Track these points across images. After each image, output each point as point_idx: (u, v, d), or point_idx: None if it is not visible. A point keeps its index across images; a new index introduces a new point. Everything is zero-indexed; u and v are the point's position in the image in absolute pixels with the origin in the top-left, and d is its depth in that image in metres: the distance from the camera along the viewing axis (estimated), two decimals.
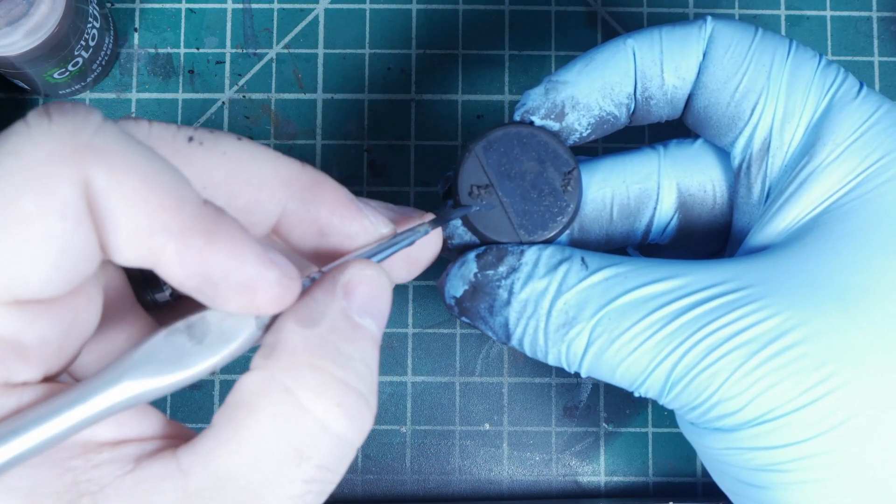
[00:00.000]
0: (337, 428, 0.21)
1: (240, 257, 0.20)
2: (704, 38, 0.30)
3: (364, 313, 0.22)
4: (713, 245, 0.33)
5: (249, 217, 0.23)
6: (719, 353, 0.26)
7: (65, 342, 0.21)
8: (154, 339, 0.21)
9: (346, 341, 0.21)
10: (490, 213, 0.30)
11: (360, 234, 0.24)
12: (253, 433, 0.20)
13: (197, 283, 0.20)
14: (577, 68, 0.30)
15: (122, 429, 0.21)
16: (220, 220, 0.20)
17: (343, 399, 0.21)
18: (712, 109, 0.30)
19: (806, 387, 0.26)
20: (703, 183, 0.32)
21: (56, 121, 0.19)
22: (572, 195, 0.30)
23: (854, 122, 0.29)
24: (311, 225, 0.23)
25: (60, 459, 0.20)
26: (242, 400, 0.20)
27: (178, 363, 0.20)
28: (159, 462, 0.20)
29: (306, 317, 0.21)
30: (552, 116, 0.30)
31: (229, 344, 0.21)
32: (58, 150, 0.19)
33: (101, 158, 0.19)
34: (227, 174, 0.22)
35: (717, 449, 0.28)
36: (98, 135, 0.19)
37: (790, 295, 0.27)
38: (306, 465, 0.20)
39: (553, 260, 0.29)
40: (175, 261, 0.20)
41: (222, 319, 0.21)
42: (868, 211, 0.28)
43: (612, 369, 0.28)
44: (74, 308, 0.20)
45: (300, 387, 0.20)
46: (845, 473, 0.26)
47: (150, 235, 0.19)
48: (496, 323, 0.29)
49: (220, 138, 0.22)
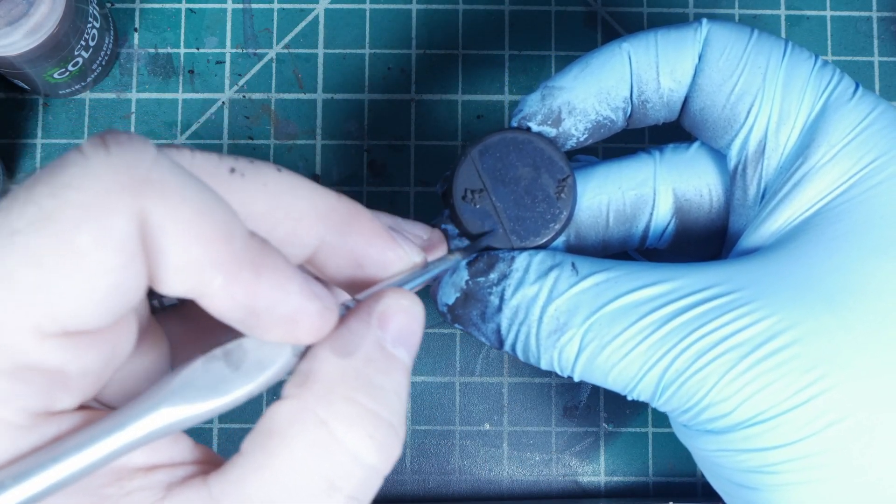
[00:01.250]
0: (368, 459, 0.21)
1: (285, 290, 0.20)
2: (700, 41, 0.30)
3: (398, 343, 0.22)
4: (710, 249, 0.33)
5: (287, 248, 0.23)
6: (710, 357, 0.27)
7: (104, 371, 0.21)
8: (191, 365, 0.21)
9: (380, 373, 0.21)
10: (482, 216, 0.30)
11: (394, 263, 0.24)
12: (286, 462, 0.20)
13: (241, 315, 0.20)
14: (574, 73, 0.30)
15: (154, 454, 0.21)
16: (266, 253, 0.20)
17: (375, 431, 0.21)
18: (708, 112, 0.30)
19: (796, 389, 0.26)
20: (700, 188, 0.32)
21: (113, 152, 0.19)
22: (566, 202, 0.30)
23: (849, 123, 0.29)
24: (346, 255, 0.24)
25: (95, 487, 0.20)
26: (275, 428, 0.20)
27: (215, 390, 0.20)
28: (191, 489, 0.20)
29: (342, 347, 0.21)
30: (549, 122, 0.30)
31: (266, 371, 0.21)
32: (116, 183, 0.18)
33: (157, 192, 0.19)
34: (268, 206, 0.22)
35: (710, 451, 0.28)
36: (154, 168, 0.19)
37: (781, 297, 0.27)
38: (338, 496, 0.20)
39: (543, 266, 0.29)
40: (222, 293, 0.20)
41: (259, 346, 0.21)
42: (860, 213, 0.28)
43: (605, 374, 0.28)
44: (116, 337, 0.20)
45: (334, 417, 0.20)
46: (836, 475, 0.26)
47: (200, 269, 0.19)
48: (488, 329, 0.29)
49: (260, 169, 0.22)
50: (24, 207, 0.18)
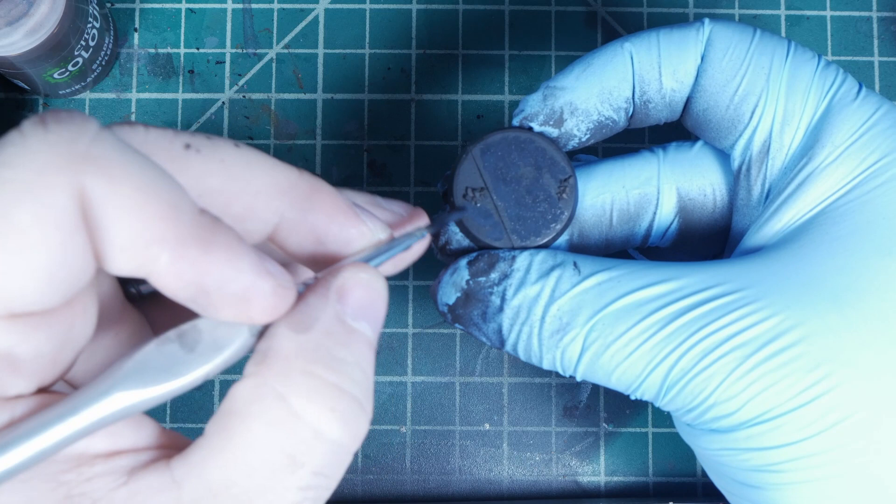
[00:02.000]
0: (331, 433, 0.20)
1: (235, 267, 0.20)
2: (702, 41, 0.30)
3: (359, 317, 0.22)
4: (713, 248, 0.33)
5: (246, 224, 0.22)
6: (715, 356, 0.26)
7: (59, 353, 0.20)
8: (145, 348, 0.20)
9: (340, 346, 0.21)
10: (484, 217, 0.30)
11: (357, 239, 0.24)
12: (246, 441, 0.20)
13: (191, 294, 0.20)
14: (575, 73, 0.30)
15: (116, 440, 0.21)
16: (216, 230, 0.20)
17: (336, 404, 0.20)
18: (711, 112, 0.30)
19: (801, 388, 0.26)
20: (703, 187, 0.32)
21: (52, 129, 0.19)
22: (567, 203, 0.30)
23: (853, 123, 0.29)
24: (308, 232, 0.23)
25: (53, 473, 0.20)
26: (235, 408, 0.20)
27: (169, 372, 0.20)
28: (153, 473, 0.20)
29: (299, 322, 0.21)
30: (551, 122, 0.30)
31: (222, 352, 0.21)
32: (54, 159, 0.18)
33: (98, 168, 0.18)
34: (224, 182, 0.22)
35: (714, 450, 0.28)
36: (95, 144, 0.19)
37: (785, 296, 0.27)
38: (301, 472, 0.20)
39: (545, 265, 0.29)
40: (170, 271, 0.19)
41: (214, 327, 0.21)
42: (864, 212, 0.28)
43: (608, 374, 0.28)
44: (69, 319, 0.20)
45: (293, 393, 0.20)
46: (840, 474, 0.26)
47: (145, 246, 0.19)
48: (489, 329, 0.29)
49: (217, 145, 0.22)
50: None
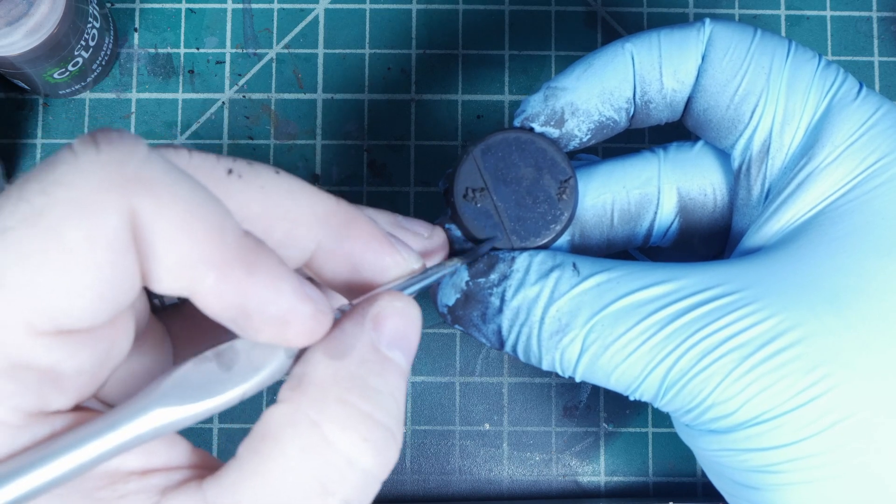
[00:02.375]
0: (363, 463, 0.20)
1: (277, 290, 0.20)
2: (703, 41, 0.30)
3: (393, 346, 0.22)
4: (714, 248, 0.33)
5: (284, 251, 0.23)
6: (713, 357, 0.26)
7: (99, 370, 0.20)
8: (183, 367, 0.21)
9: (375, 375, 0.21)
10: (484, 217, 0.30)
11: (391, 268, 0.24)
12: (279, 466, 0.20)
13: (232, 315, 0.20)
14: (576, 74, 0.30)
15: (150, 458, 0.21)
16: (260, 252, 0.20)
17: (370, 434, 0.21)
18: (712, 112, 0.30)
19: (799, 389, 0.26)
20: (704, 187, 0.32)
21: (104, 150, 0.19)
22: (567, 204, 0.30)
23: (853, 123, 0.29)
24: (344, 259, 0.23)
25: (89, 490, 0.20)
26: (269, 432, 0.20)
27: (207, 391, 0.20)
28: (185, 494, 0.20)
29: (335, 349, 0.21)
30: (552, 123, 0.30)
31: (259, 372, 0.21)
32: (106, 180, 0.18)
33: (148, 189, 0.19)
34: (265, 208, 0.22)
35: (712, 451, 0.28)
36: (145, 165, 0.19)
37: (784, 297, 0.27)
38: (331, 500, 0.20)
39: (544, 266, 0.29)
40: (213, 292, 0.20)
41: (251, 348, 0.21)
42: (863, 213, 0.28)
43: (607, 375, 0.28)
44: (112, 337, 0.20)
45: (327, 421, 0.20)
46: (839, 474, 0.26)
47: (191, 266, 0.19)
48: (489, 330, 0.29)
49: (258, 171, 0.22)
50: (16, 205, 0.18)
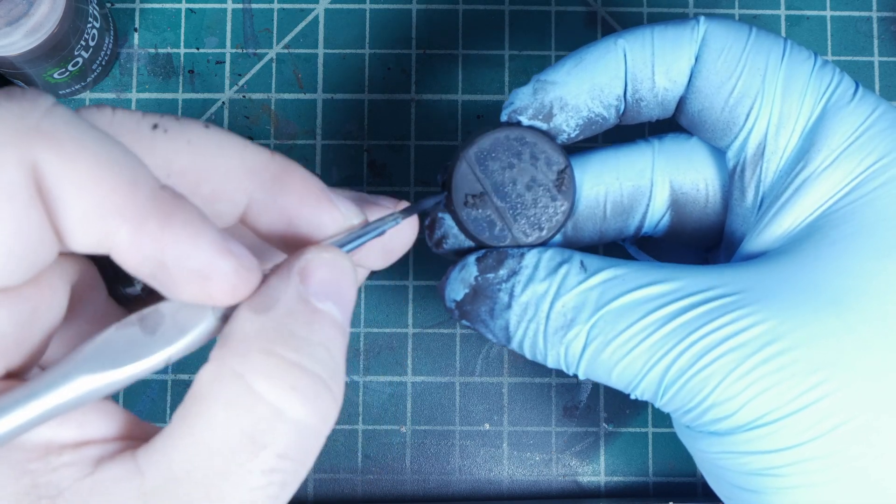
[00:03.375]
0: (293, 413, 0.20)
1: (195, 244, 0.20)
2: (697, 41, 0.30)
3: (324, 297, 0.21)
4: (705, 241, 0.33)
5: (215, 206, 0.22)
6: (712, 357, 0.26)
7: (24, 335, 0.20)
8: (106, 332, 0.20)
9: (303, 325, 0.21)
10: (487, 220, 0.30)
11: (329, 224, 0.23)
12: (206, 423, 0.19)
13: (151, 269, 0.20)
14: (567, 68, 0.30)
15: (84, 430, 0.20)
16: (177, 205, 0.20)
17: (298, 382, 0.20)
18: (707, 114, 0.30)
19: (799, 391, 0.26)
20: (696, 181, 0.32)
21: (3, 105, 0.19)
22: (567, 193, 0.30)
23: (850, 126, 0.28)
24: (279, 214, 0.23)
25: (19, 461, 0.20)
26: (196, 392, 0.20)
27: (130, 355, 0.20)
28: (118, 463, 0.20)
29: (260, 303, 0.21)
30: (540, 117, 0.30)
31: (184, 334, 0.20)
32: (3, 134, 0.18)
33: (50, 141, 0.18)
34: (192, 162, 0.22)
35: (712, 453, 0.28)
36: (46, 118, 0.19)
37: (784, 299, 0.27)
38: (264, 455, 0.20)
39: (553, 262, 0.29)
40: (129, 245, 0.19)
41: (178, 310, 0.21)
42: (863, 215, 0.28)
43: (609, 371, 0.28)
44: (34, 299, 0.20)
45: (251, 372, 0.20)
46: (840, 477, 0.26)
47: (101, 218, 0.19)
48: (497, 326, 0.29)
49: (185, 126, 0.22)
50: None
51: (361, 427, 0.43)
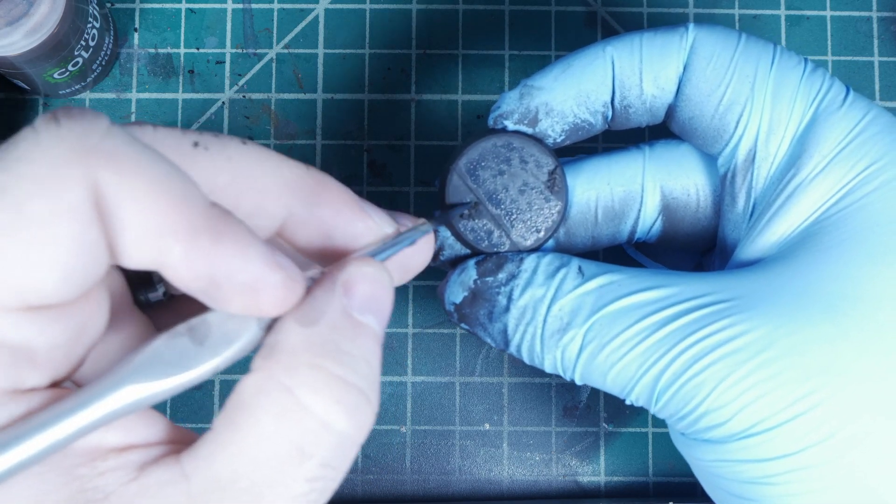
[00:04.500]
0: (338, 425, 0.20)
1: (245, 258, 0.20)
2: (685, 48, 0.30)
3: (365, 311, 0.22)
4: (698, 246, 0.33)
5: (255, 221, 0.23)
6: (706, 363, 0.26)
7: (73, 347, 0.21)
8: (155, 342, 0.21)
9: (347, 339, 0.21)
10: (484, 229, 0.30)
11: (364, 234, 0.24)
12: (253, 434, 0.20)
13: (202, 285, 0.20)
14: (554, 74, 0.30)
15: (129, 435, 0.21)
16: (227, 222, 0.20)
17: (343, 396, 0.21)
18: (697, 121, 0.30)
19: (794, 398, 0.26)
20: (687, 187, 0.32)
21: (64, 125, 0.19)
22: (560, 193, 0.30)
23: (840, 131, 0.28)
24: (316, 227, 0.23)
25: (68, 467, 0.20)
26: (242, 401, 0.20)
27: (179, 365, 0.20)
28: (163, 468, 0.20)
29: (305, 316, 0.21)
30: (525, 122, 0.30)
31: (231, 345, 0.21)
32: (67, 153, 0.19)
33: (110, 161, 0.19)
34: (232, 178, 0.22)
35: (708, 461, 0.28)
36: (106, 138, 0.19)
37: (778, 306, 0.27)
38: (309, 464, 0.20)
39: (551, 267, 0.29)
40: (182, 262, 0.20)
41: (224, 321, 0.21)
42: (856, 221, 0.28)
43: (603, 375, 0.28)
44: (84, 313, 0.20)
45: (299, 385, 0.20)
46: (836, 485, 0.26)
47: (157, 237, 0.19)
48: (495, 329, 0.29)
49: (224, 143, 0.22)
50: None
51: None
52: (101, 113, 0.20)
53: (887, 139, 0.28)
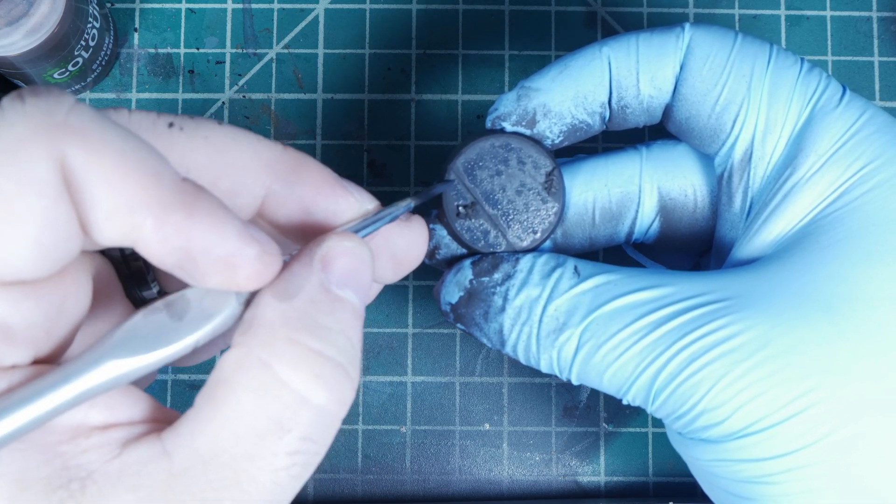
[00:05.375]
0: (316, 399, 0.21)
1: (219, 232, 0.20)
2: (682, 48, 0.30)
3: (343, 285, 0.22)
4: (696, 247, 0.33)
5: (234, 200, 0.23)
6: (703, 362, 0.26)
7: (53, 325, 0.21)
8: (134, 318, 0.21)
9: (325, 313, 0.21)
10: (481, 229, 0.30)
11: (345, 211, 0.24)
12: (232, 409, 0.20)
13: (177, 259, 0.20)
14: (551, 75, 0.30)
15: (112, 413, 0.21)
16: (200, 196, 0.20)
17: (321, 370, 0.21)
18: (694, 122, 0.30)
19: (791, 397, 0.26)
20: (684, 187, 0.32)
21: (29, 102, 0.19)
22: (557, 195, 0.30)
23: (836, 131, 0.28)
24: (296, 205, 0.23)
25: (50, 444, 0.20)
26: (222, 377, 0.20)
27: (158, 340, 0.20)
28: (145, 445, 0.20)
29: (283, 290, 0.21)
30: (523, 123, 0.30)
31: (210, 320, 0.21)
32: (31, 130, 0.19)
33: (76, 136, 0.19)
34: (209, 158, 0.22)
35: (706, 461, 0.28)
36: (72, 114, 0.19)
37: (775, 305, 0.27)
38: (289, 438, 0.20)
39: (547, 267, 0.29)
40: (154, 237, 0.20)
41: (202, 296, 0.21)
42: (853, 220, 0.28)
43: (600, 375, 0.28)
44: (61, 291, 0.20)
45: (277, 360, 0.20)
46: (835, 484, 0.26)
47: (128, 211, 0.19)
48: (491, 329, 0.29)
49: (200, 123, 0.22)
50: None
51: (361, 427, 0.43)
52: (67, 92, 0.20)
53: (884, 138, 0.28)
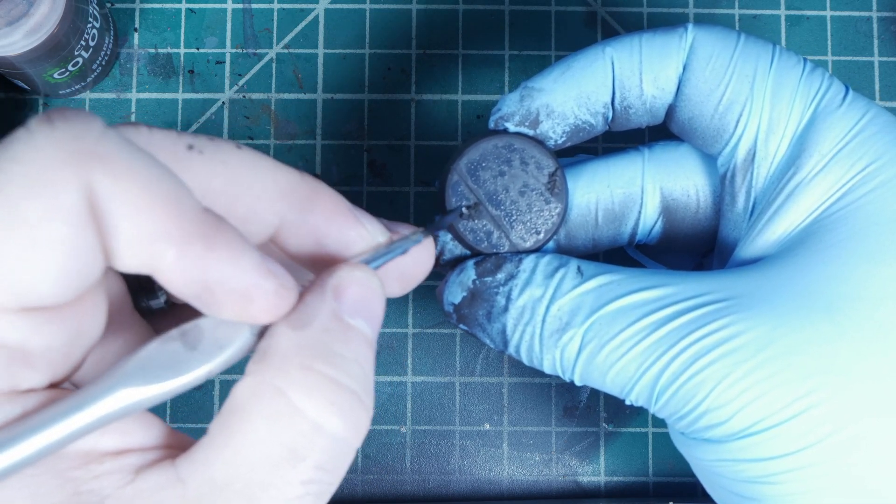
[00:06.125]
0: (331, 427, 0.21)
1: (238, 265, 0.20)
2: (685, 49, 0.30)
3: (355, 314, 0.22)
4: (699, 247, 0.33)
5: (247, 226, 0.23)
6: (705, 362, 0.26)
7: (70, 349, 0.21)
8: (148, 347, 0.21)
9: (338, 342, 0.21)
10: (484, 230, 0.30)
11: (356, 241, 0.24)
12: (247, 437, 0.20)
13: (195, 291, 0.20)
14: (554, 76, 0.30)
15: (125, 438, 0.21)
16: (220, 228, 0.20)
17: (335, 398, 0.21)
18: (696, 121, 0.30)
19: (793, 397, 0.26)
20: (687, 188, 0.32)
21: (58, 126, 0.19)
22: (560, 195, 0.30)
23: (839, 131, 0.28)
24: (308, 233, 0.23)
25: (63, 469, 0.20)
26: (236, 405, 0.20)
27: (172, 370, 0.20)
28: (159, 471, 0.20)
29: (297, 319, 0.21)
30: (526, 124, 0.30)
31: (224, 350, 0.21)
32: (60, 155, 0.19)
33: (104, 164, 0.19)
34: (226, 183, 0.22)
35: (708, 460, 0.28)
36: (101, 141, 0.19)
37: (777, 305, 0.27)
38: (303, 466, 0.20)
39: (550, 267, 0.29)
40: (174, 267, 0.20)
41: (216, 326, 0.21)
42: (856, 220, 0.28)
43: (603, 375, 0.28)
44: (80, 315, 0.20)
45: (291, 388, 0.20)
46: (836, 484, 0.26)
47: (151, 242, 0.19)
48: (494, 330, 0.29)
49: (219, 146, 0.22)
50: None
51: None
52: (96, 115, 0.20)
53: (886, 138, 0.28)
